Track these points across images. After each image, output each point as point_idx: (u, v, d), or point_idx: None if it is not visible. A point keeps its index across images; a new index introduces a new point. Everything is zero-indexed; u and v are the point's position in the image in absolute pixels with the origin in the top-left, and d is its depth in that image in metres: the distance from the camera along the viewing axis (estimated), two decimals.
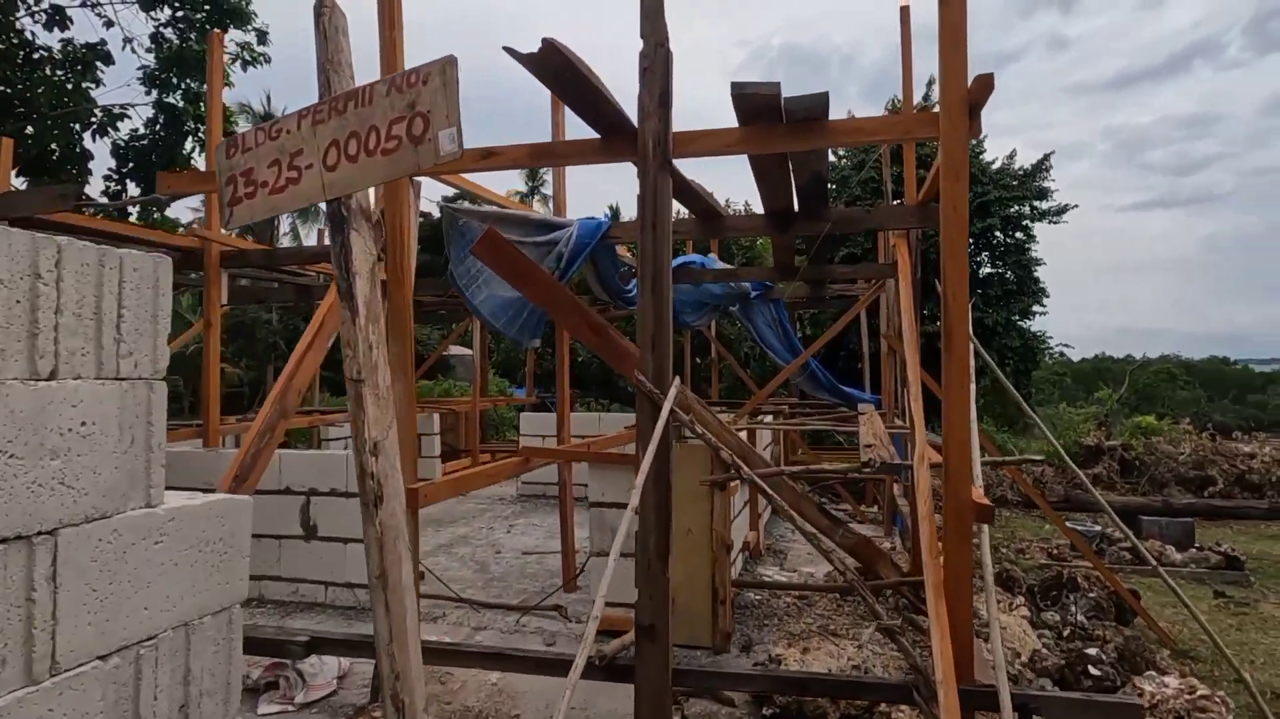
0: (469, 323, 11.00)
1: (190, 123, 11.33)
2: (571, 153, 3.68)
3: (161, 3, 11.56)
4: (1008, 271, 18.32)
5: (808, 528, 3.31)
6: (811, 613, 5.15)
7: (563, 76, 3.19)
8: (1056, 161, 19.00)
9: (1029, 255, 18.45)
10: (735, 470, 3.40)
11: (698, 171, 8.34)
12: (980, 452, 4.74)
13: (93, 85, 11.43)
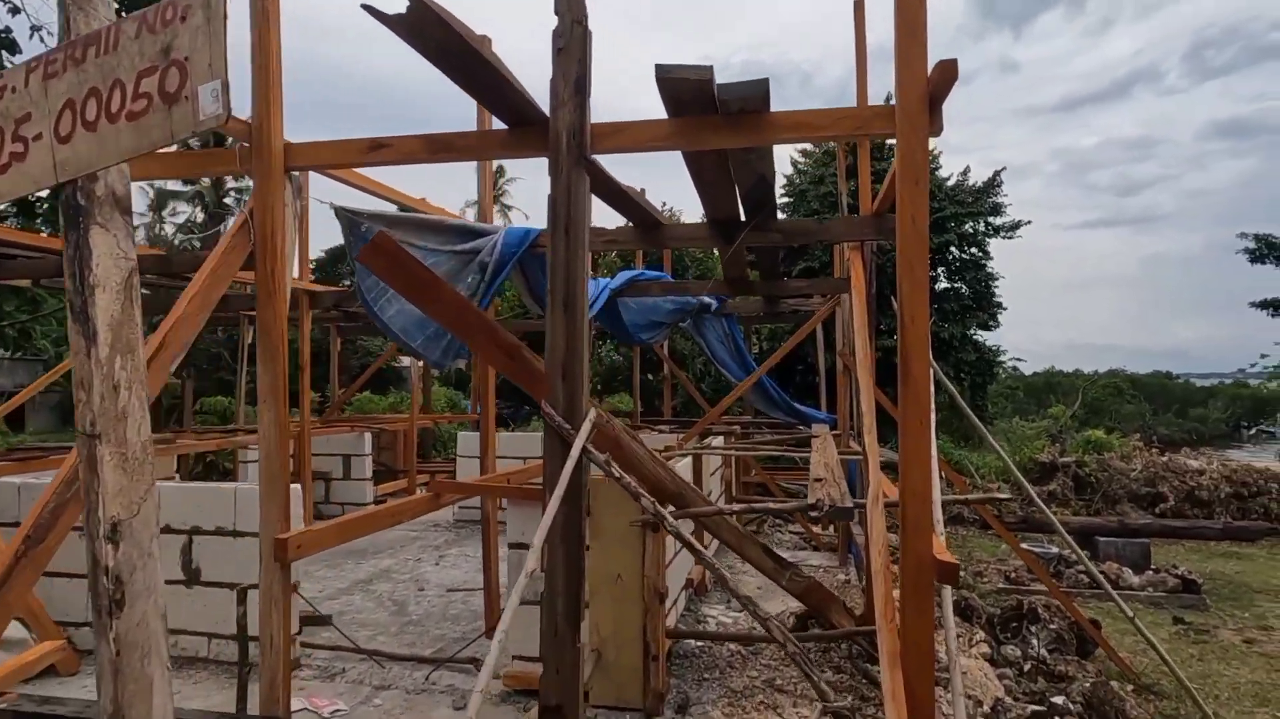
0: None
1: None
2: (473, 145, 3.16)
3: None
4: (963, 287, 18.32)
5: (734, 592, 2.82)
6: (758, 662, 4.66)
7: (448, 49, 2.67)
8: (1008, 179, 19.18)
9: (985, 271, 18.51)
10: (655, 517, 2.89)
11: (643, 179, 7.88)
12: (942, 481, 4.34)
13: None
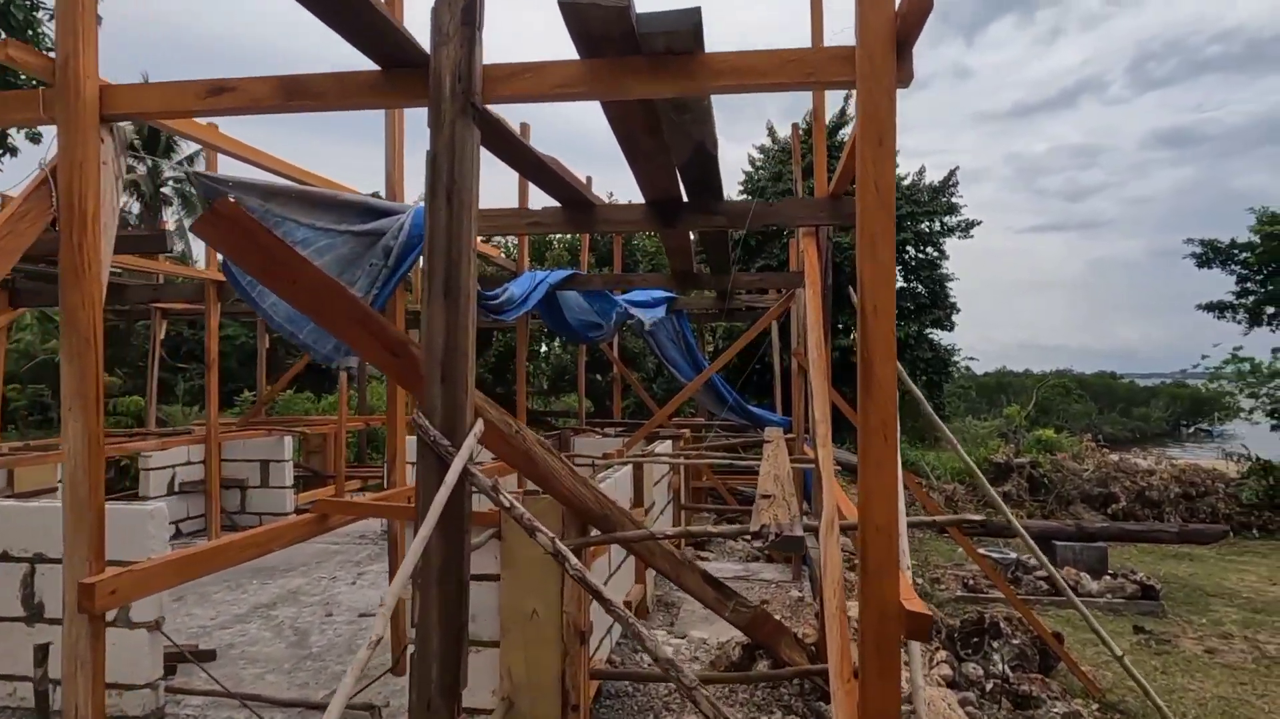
0: None
1: None
2: (334, 90, 2.54)
3: None
4: (919, 286, 18.19)
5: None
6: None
7: None
8: (963, 181, 19.16)
9: (940, 271, 18.43)
10: (557, 557, 2.30)
11: (586, 170, 7.28)
12: (905, 494, 3.84)
13: None
